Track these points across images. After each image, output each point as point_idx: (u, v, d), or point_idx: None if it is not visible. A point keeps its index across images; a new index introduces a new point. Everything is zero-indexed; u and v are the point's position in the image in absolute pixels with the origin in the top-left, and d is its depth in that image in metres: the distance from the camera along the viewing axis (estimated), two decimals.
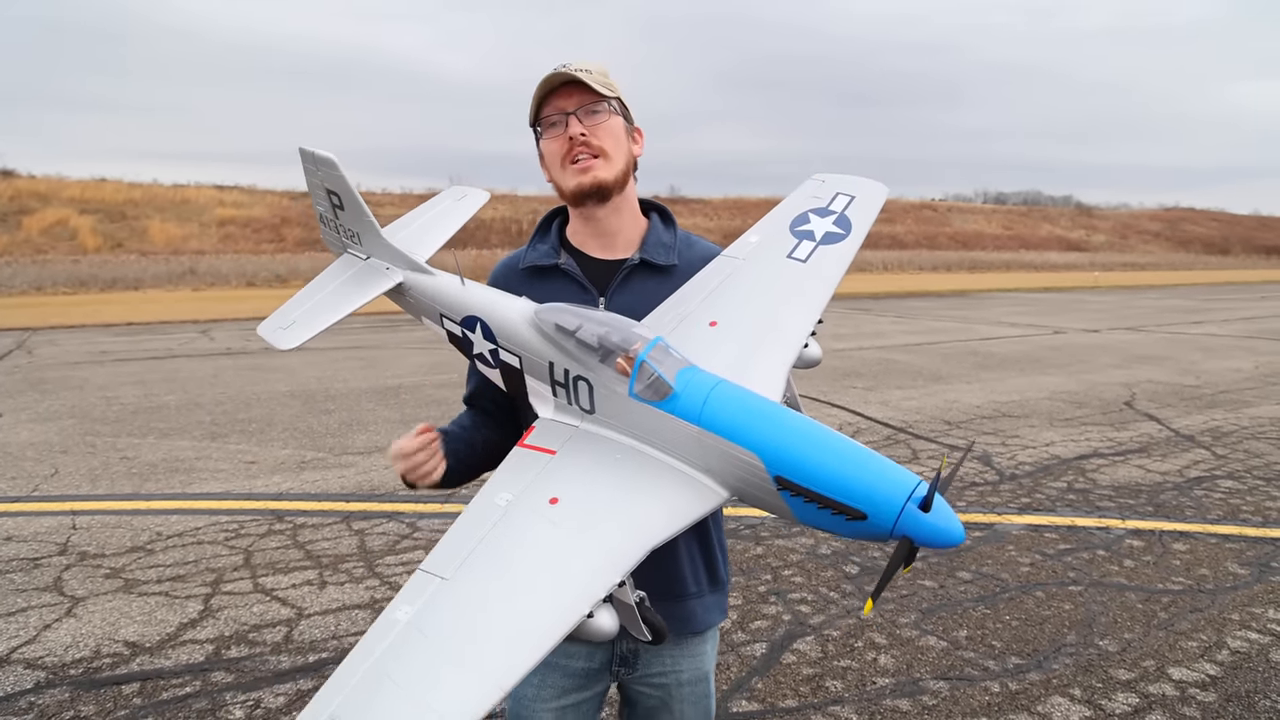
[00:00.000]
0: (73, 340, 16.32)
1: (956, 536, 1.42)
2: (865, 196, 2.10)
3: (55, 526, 5.79)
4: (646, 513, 1.53)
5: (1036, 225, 77.62)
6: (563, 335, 1.68)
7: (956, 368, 12.98)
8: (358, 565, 5.11)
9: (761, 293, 1.89)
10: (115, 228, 42.93)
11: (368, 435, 8.41)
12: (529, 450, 1.67)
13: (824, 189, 2.13)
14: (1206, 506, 6.29)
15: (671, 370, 1.58)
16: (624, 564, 1.44)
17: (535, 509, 1.54)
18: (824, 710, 3.58)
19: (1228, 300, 29.25)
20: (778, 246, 1.99)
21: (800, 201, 2.10)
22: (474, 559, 1.46)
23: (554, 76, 1.85)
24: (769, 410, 1.54)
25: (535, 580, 1.42)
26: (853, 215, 2.05)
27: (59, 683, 3.78)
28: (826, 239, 1.99)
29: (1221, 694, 3.71)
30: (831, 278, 1.92)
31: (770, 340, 1.80)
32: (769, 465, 1.48)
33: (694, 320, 1.84)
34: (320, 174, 1.96)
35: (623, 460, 1.61)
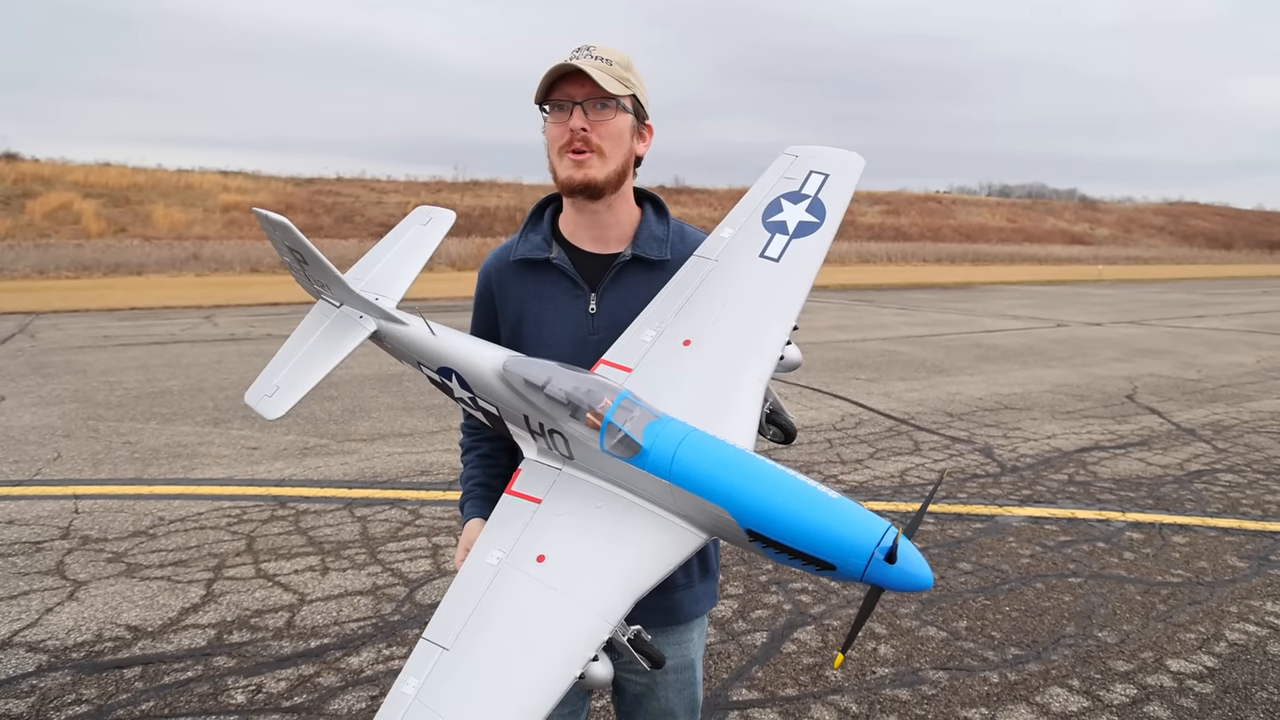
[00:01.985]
0: (76, 325, 16.34)
1: (924, 582, 1.45)
2: (840, 173, 2.01)
3: (57, 510, 5.81)
4: (631, 562, 1.57)
5: (1040, 218, 77.42)
6: (531, 390, 1.68)
7: (959, 360, 12.97)
8: (360, 551, 5.13)
9: (735, 303, 1.84)
10: (119, 212, 42.92)
11: (370, 422, 8.43)
12: (516, 499, 1.70)
13: (797, 166, 2.03)
14: (1206, 500, 6.30)
15: (639, 426, 1.58)
16: (613, 617, 1.50)
17: (524, 569, 1.58)
18: (824, 699, 3.60)
19: (1230, 294, 29.19)
20: (750, 244, 1.93)
21: (772, 184, 2.01)
22: (471, 627, 1.53)
23: (567, 64, 1.79)
24: (738, 462, 1.55)
25: (530, 647, 1.49)
26: (827, 198, 1.96)
27: (61, 666, 3.80)
28: (800, 230, 1.92)
29: (1219, 686, 3.72)
30: (805, 277, 1.87)
31: (745, 359, 1.77)
32: (739, 520, 1.52)
33: (669, 337, 1.82)
34: (278, 234, 1.94)
35: (604, 508, 1.64)
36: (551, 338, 1.94)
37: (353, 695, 3.59)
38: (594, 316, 1.93)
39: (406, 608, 4.40)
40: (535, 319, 1.97)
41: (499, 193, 54.32)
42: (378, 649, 3.98)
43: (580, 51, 1.83)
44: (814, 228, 1.92)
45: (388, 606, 4.42)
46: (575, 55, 1.82)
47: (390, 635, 4.11)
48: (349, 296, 1.99)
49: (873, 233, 60.38)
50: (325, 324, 2.03)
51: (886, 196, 75.03)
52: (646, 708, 2.10)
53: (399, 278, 2.09)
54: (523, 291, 1.99)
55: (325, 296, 2.06)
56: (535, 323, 1.97)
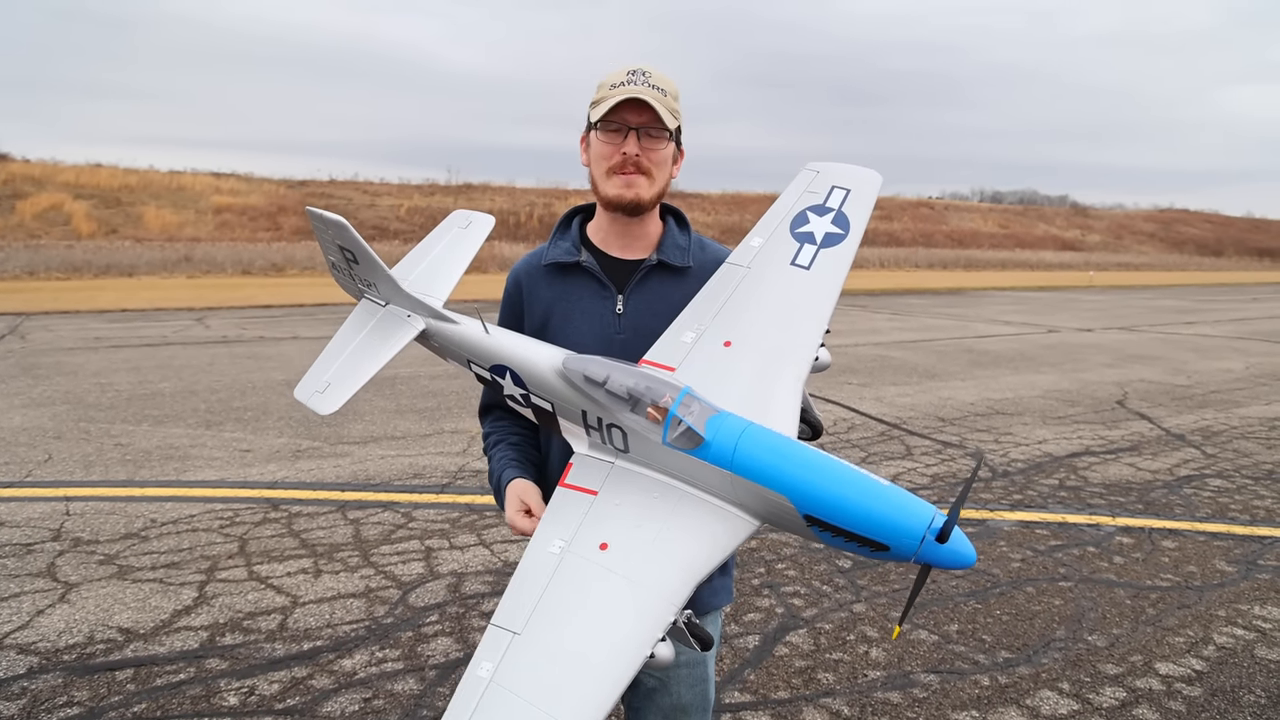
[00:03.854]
0: (66, 326, 16.26)
1: (969, 560, 1.57)
2: (860, 189, 2.11)
3: (48, 512, 5.79)
4: (690, 549, 1.63)
5: (1032, 224, 77.73)
6: (591, 386, 1.76)
7: (951, 365, 13.02)
8: (353, 554, 5.12)
9: (771, 308, 1.93)
10: (110, 213, 42.74)
11: (363, 425, 8.42)
12: (571, 491, 1.76)
13: (819, 181, 2.13)
14: (1195, 505, 6.34)
15: (701, 420, 1.67)
16: (677, 601, 1.56)
17: (588, 557, 1.64)
18: (815, 702, 3.61)
19: (1220, 301, 29.36)
20: (780, 252, 2.02)
21: (797, 198, 2.11)
22: (541, 612, 1.57)
23: (632, 91, 1.89)
24: (795, 453, 1.64)
25: (600, 629, 1.53)
26: (850, 211, 2.07)
27: (52, 668, 3.79)
28: (827, 241, 2.02)
29: (1207, 689, 3.75)
30: (834, 283, 1.97)
31: (784, 359, 1.86)
32: (799, 506, 1.60)
33: (710, 339, 1.90)
34: (331, 233, 1.99)
35: (661, 498, 1.70)
36: (578, 336, 2.02)
37: (346, 698, 3.59)
38: (620, 317, 2.04)
39: (400, 610, 4.40)
40: (563, 318, 2.06)
41: (492, 196, 54.28)
42: (370, 651, 3.98)
43: (636, 75, 1.93)
44: (840, 239, 2.02)
45: (380, 609, 4.42)
46: (632, 78, 1.92)
47: (383, 638, 4.11)
48: (396, 295, 2.03)
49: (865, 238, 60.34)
50: (372, 322, 2.06)
51: (879, 202, 74.67)
52: (659, 703, 2.12)
53: (443, 278, 2.13)
54: (551, 293, 2.09)
55: (370, 295, 2.10)
56: (562, 321, 2.06)
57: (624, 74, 1.94)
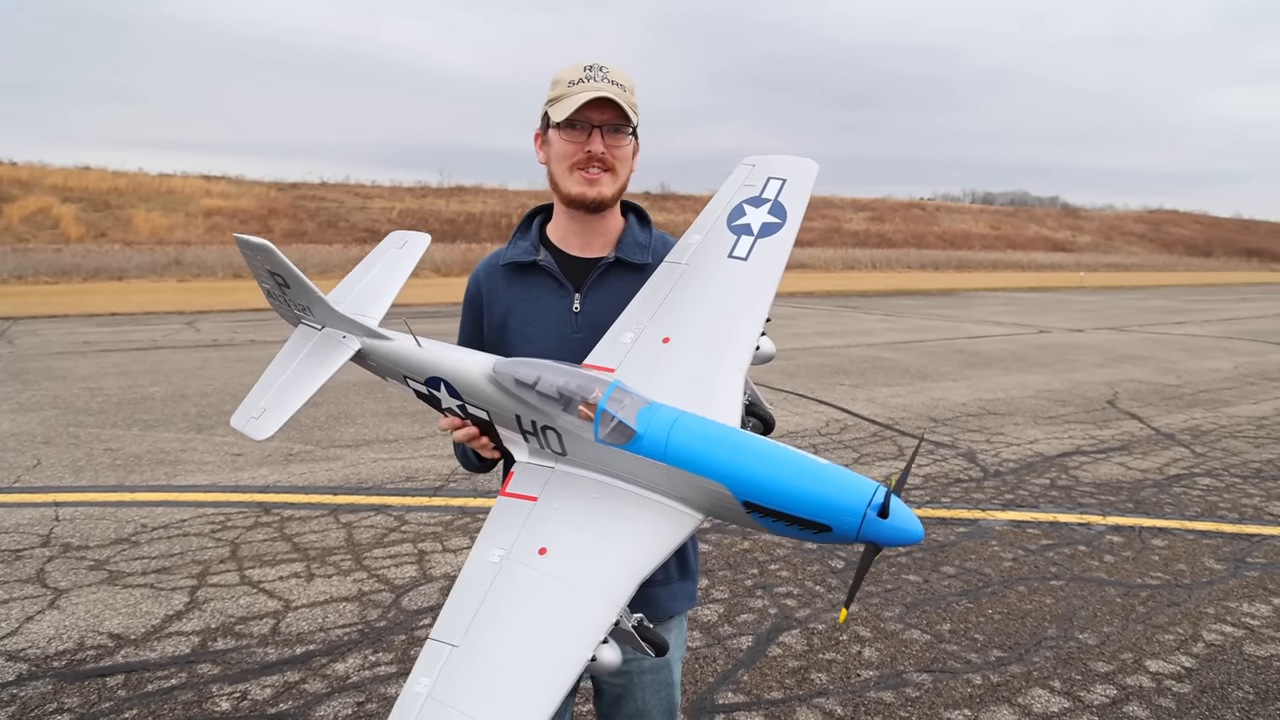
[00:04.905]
0: (55, 330, 16.18)
1: (916, 535, 1.52)
2: (796, 178, 2.08)
3: (38, 518, 5.76)
4: (631, 548, 1.60)
5: (1023, 225, 78.04)
6: (522, 389, 1.73)
7: (943, 366, 13.06)
8: (345, 558, 5.11)
9: (709, 300, 1.91)
10: (99, 217, 42.54)
11: (355, 428, 8.40)
12: (511, 499, 1.73)
13: (755, 174, 2.10)
14: (1185, 503, 6.38)
15: (632, 412, 1.64)
16: (618, 602, 1.52)
17: (527, 563, 1.60)
18: (809, 702, 3.62)
19: (1209, 301, 29.53)
20: (718, 246, 2.00)
21: (733, 192, 2.09)
22: (479, 623, 1.53)
23: (597, 89, 1.88)
24: (730, 439, 1.61)
25: (539, 637, 1.50)
26: (786, 200, 2.03)
27: (41, 675, 3.77)
28: (764, 231, 1.99)
29: (1196, 685, 3.77)
30: (773, 272, 1.94)
31: (723, 351, 1.83)
32: (736, 493, 1.57)
33: (648, 337, 1.88)
34: (259, 258, 1.95)
35: (601, 498, 1.67)
36: (536, 335, 2.02)
37: (339, 701, 3.58)
38: (577, 315, 2.02)
39: (393, 614, 4.40)
40: (521, 318, 2.05)
41: (484, 198, 54.22)
42: (364, 655, 3.97)
43: (594, 71, 1.91)
44: (777, 228, 1.99)
45: (374, 613, 4.41)
46: (590, 74, 1.90)
47: (376, 641, 4.10)
48: (331, 318, 2.01)
49: (857, 239, 60.68)
50: (308, 346, 2.05)
51: (871, 203, 75.43)
52: (624, 709, 2.11)
53: (379, 298, 2.13)
54: (510, 293, 2.08)
55: (306, 320, 2.08)
56: (520, 321, 2.05)
57: (581, 70, 1.92)
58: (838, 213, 70.27)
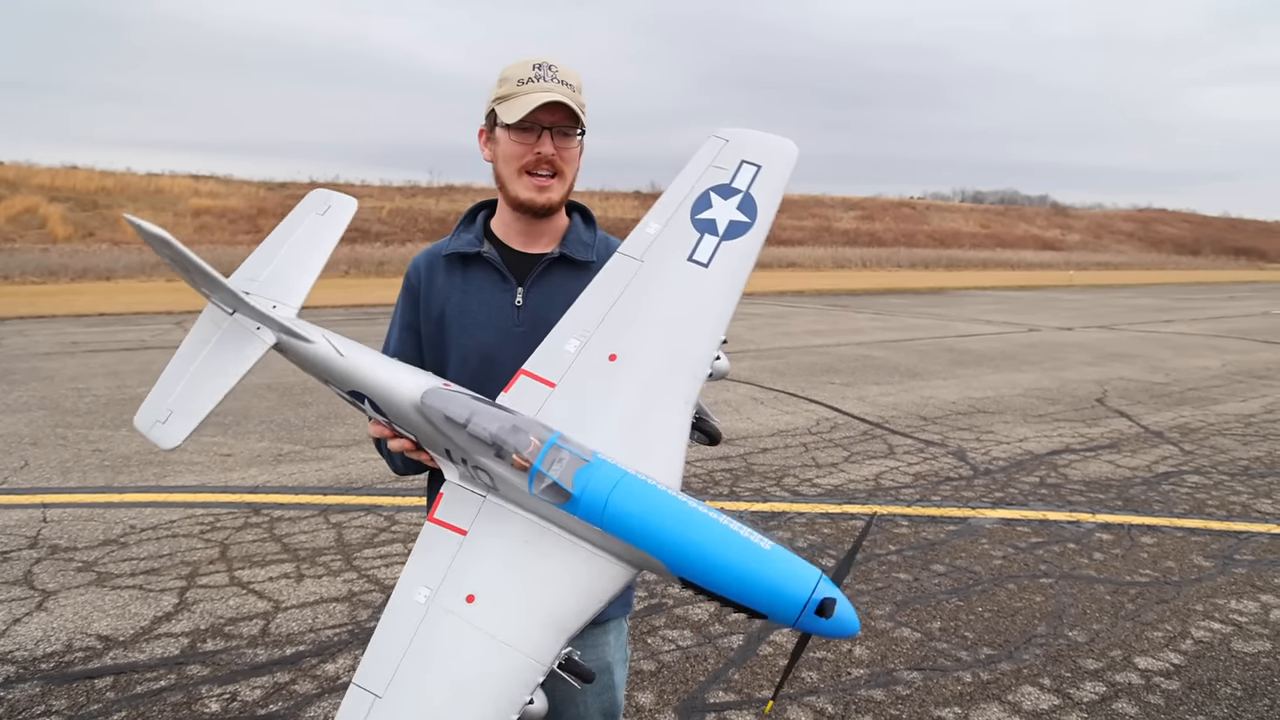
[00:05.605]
0: (42, 331, 16.07)
1: (851, 630, 1.50)
2: (772, 164, 1.86)
3: (25, 519, 5.72)
4: (561, 601, 1.54)
5: (1013, 224, 78.36)
6: (452, 427, 1.63)
7: (933, 364, 13.11)
8: (335, 558, 5.10)
9: (662, 315, 1.75)
10: (86, 216, 42.27)
11: (345, 428, 8.37)
12: (440, 528, 1.63)
13: (728, 154, 1.88)
14: (1173, 501, 6.41)
15: (569, 473, 1.54)
16: (546, 659, 1.49)
17: (454, 610, 1.54)
18: (800, 700, 3.62)
19: (1197, 300, 29.72)
20: (678, 245, 1.81)
21: (701, 174, 1.87)
22: (402, 673, 1.50)
23: (547, 89, 1.85)
24: (672, 510, 1.52)
25: (465, 695, 1.46)
26: (759, 193, 1.83)
27: (30, 677, 3.74)
28: (730, 232, 1.81)
29: (1185, 682, 3.80)
30: (736, 285, 1.78)
31: (673, 377, 1.70)
32: (671, 568, 1.52)
33: (594, 350, 1.74)
34: (156, 246, 1.76)
35: (532, 544, 1.58)
36: (475, 327, 1.99)
37: (329, 702, 3.57)
38: (519, 310, 2.00)
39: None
40: (460, 310, 2.01)
41: (475, 197, 54.03)
42: (354, 655, 3.96)
43: (543, 70, 1.88)
44: (745, 228, 1.82)
45: (364, 613, 4.40)
46: (539, 73, 1.87)
47: (366, 641, 4.09)
48: (242, 305, 1.79)
49: (847, 238, 60.80)
50: (216, 336, 1.80)
51: (861, 202, 75.60)
52: (565, 715, 2.08)
53: (298, 281, 1.86)
54: (450, 284, 2.04)
55: (215, 301, 1.85)
56: (459, 313, 2.01)
57: (530, 68, 1.87)
58: (828, 211, 70.39)
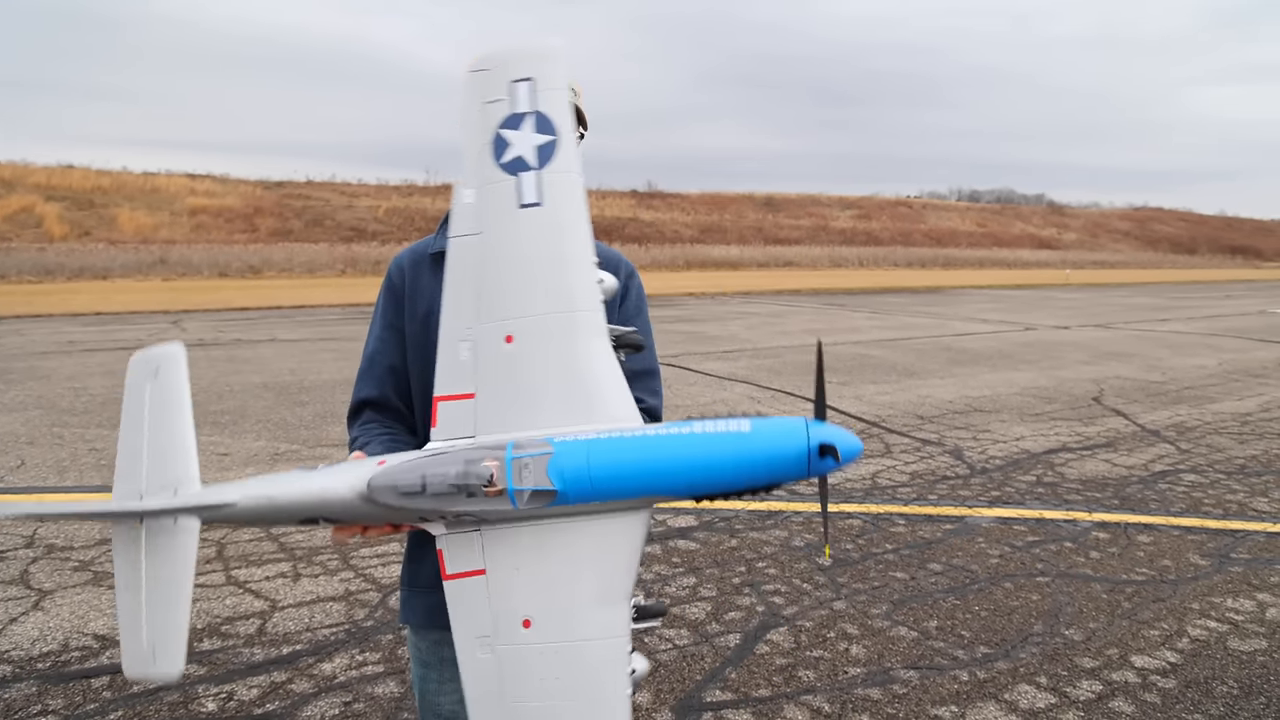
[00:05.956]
0: (39, 330, 16.05)
1: (857, 451, 1.56)
2: (543, 68, 1.69)
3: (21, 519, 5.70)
4: (603, 576, 1.54)
5: (1009, 223, 78.46)
6: (411, 498, 1.56)
7: (930, 363, 13.12)
8: (332, 558, 5.09)
9: (527, 272, 1.65)
10: (83, 215, 42.21)
11: (342, 428, 8.34)
12: (459, 581, 1.59)
13: (494, 82, 1.70)
14: (1170, 500, 6.43)
15: (541, 473, 1.50)
16: (621, 630, 1.52)
17: (520, 641, 1.54)
18: (796, 700, 3.63)
19: (1194, 298, 29.77)
20: (502, 197, 1.67)
21: (482, 116, 1.71)
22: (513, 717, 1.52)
23: None
24: (649, 449, 1.51)
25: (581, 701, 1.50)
26: (546, 105, 1.67)
27: (26, 677, 3.73)
28: (543, 157, 1.66)
29: (1181, 680, 3.80)
30: (578, 204, 1.67)
31: (574, 323, 1.62)
32: (677, 495, 1.54)
33: (488, 343, 1.64)
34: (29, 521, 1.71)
35: (546, 545, 1.56)
36: None
37: (326, 701, 3.57)
38: None
39: (380, 613, 4.38)
40: None
41: None
42: (351, 655, 3.96)
43: None
44: (552, 146, 1.67)
45: (361, 612, 4.39)
46: None
47: (363, 641, 4.09)
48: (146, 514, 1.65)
49: (844, 237, 60.84)
50: (141, 550, 1.65)
51: (858, 201, 75.66)
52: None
53: (180, 454, 1.72)
54: (436, 284, 1.96)
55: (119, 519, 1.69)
56: None
57: None
58: (825, 210, 70.41)
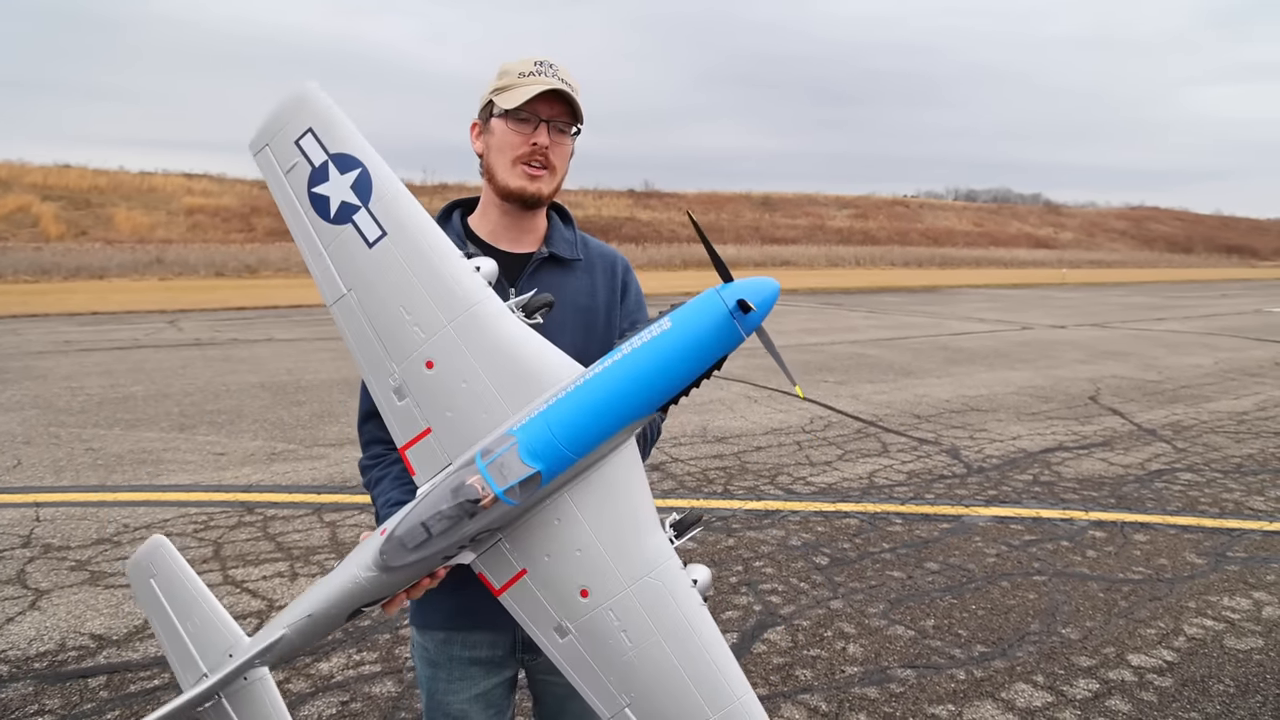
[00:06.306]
0: (35, 330, 16.02)
1: (773, 290, 1.63)
2: (313, 114, 1.68)
3: (18, 519, 5.70)
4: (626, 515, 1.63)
5: (1006, 222, 78.55)
6: (425, 547, 1.60)
7: (926, 362, 13.13)
8: (329, 557, 5.09)
9: (404, 299, 1.65)
10: (79, 215, 42.12)
11: (339, 427, 8.36)
12: (511, 589, 1.66)
13: (281, 150, 1.69)
14: (1166, 498, 6.44)
15: (516, 465, 1.54)
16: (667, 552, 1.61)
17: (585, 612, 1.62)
18: (794, 698, 3.63)
19: (1190, 298, 29.82)
20: (348, 247, 1.67)
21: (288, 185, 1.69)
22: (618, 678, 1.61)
23: (550, 82, 1.84)
24: (597, 392, 1.57)
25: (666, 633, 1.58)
26: (335, 145, 1.66)
27: (23, 676, 3.73)
28: (361, 192, 1.66)
29: (1178, 679, 3.81)
30: (413, 217, 1.66)
31: (472, 316, 1.63)
32: (642, 416, 1.61)
33: (414, 381, 1.66)
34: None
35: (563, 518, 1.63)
36: None
37: (323, 701, 3.57)
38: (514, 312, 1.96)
39: (376, 613, 4.36)
40: None
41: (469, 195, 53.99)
42: (348, 654, 3.95)
43: (544, 67, 1.87)
44: (366, 178, 1.66)
45: None
46: (540, 69, 1.86)
47: (360, 641, 4.09)
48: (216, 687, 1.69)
49: (841, 236, 60.89)
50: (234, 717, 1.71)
51: (855, 200, 75.72)
52: (567, 710, 2.07)
53: (216, 624, 1.74)
54: None
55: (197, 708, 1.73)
56: None
57: (531, 64, 1.87)
58: (822, 210, 70.46)
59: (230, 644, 1.70)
